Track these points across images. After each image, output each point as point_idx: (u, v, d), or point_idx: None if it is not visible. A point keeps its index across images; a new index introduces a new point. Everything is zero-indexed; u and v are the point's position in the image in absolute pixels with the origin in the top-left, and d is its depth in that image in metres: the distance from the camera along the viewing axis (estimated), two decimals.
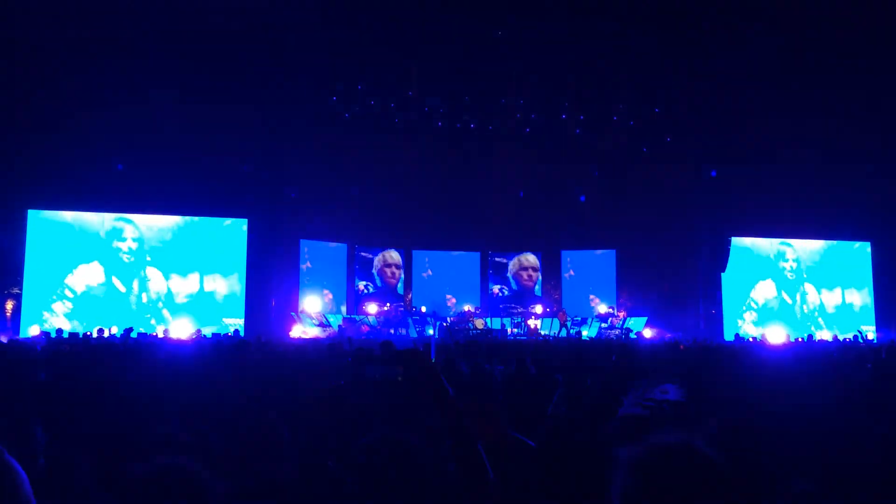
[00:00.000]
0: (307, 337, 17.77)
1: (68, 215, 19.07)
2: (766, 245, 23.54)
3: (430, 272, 22.36)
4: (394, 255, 22.88)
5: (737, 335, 19.26)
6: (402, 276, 23.03)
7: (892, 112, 19.88)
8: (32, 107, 17.17)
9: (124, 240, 19.45)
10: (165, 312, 19.36)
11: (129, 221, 19.60)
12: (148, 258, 19.59)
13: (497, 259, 23.65)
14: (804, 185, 21.07)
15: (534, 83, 21.38)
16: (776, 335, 21.16)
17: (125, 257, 19.40)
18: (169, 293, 19.60)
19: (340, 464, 2.32)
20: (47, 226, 19.01)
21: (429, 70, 20.63)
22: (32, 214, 18.63)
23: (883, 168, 21.02)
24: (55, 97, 17.10)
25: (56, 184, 18.05)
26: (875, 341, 20.66)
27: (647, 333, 19.93)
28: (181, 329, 17.96)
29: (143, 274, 19.45)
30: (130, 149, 18.19)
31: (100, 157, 18.11)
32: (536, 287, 23.78)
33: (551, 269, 23.96)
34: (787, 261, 23.64)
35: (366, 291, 22.44)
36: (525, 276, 23.73)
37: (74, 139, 17.51)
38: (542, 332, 20.02)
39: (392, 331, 19.97)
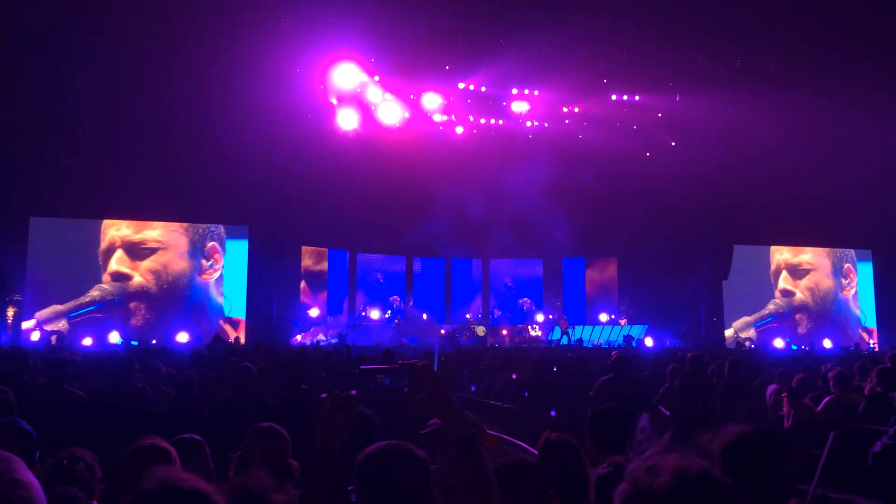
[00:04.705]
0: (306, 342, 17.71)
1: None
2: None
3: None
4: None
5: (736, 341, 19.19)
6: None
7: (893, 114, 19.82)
8: (33, 113, 17.20)
9: None
10: None
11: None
12: None
13: None
14: (805, 192, 21.01)
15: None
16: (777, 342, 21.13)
17: None
18: None
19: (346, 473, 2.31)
20: None
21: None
22: (35, 221, 18.56)
23: (885, 175, 21.00)
24: (57, 104, 17.11)
25: (57, 191, 17.93)
26: (875, 347, 20.60)
27: (648, 342, 19.86)
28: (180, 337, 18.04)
29: None
30: (132, 155, 18.16)
31: (101, 165, 17.98)
32: None
33: (552, 277, 23.93)
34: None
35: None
36: None
37: (77, 147, 17.49)
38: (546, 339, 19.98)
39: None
